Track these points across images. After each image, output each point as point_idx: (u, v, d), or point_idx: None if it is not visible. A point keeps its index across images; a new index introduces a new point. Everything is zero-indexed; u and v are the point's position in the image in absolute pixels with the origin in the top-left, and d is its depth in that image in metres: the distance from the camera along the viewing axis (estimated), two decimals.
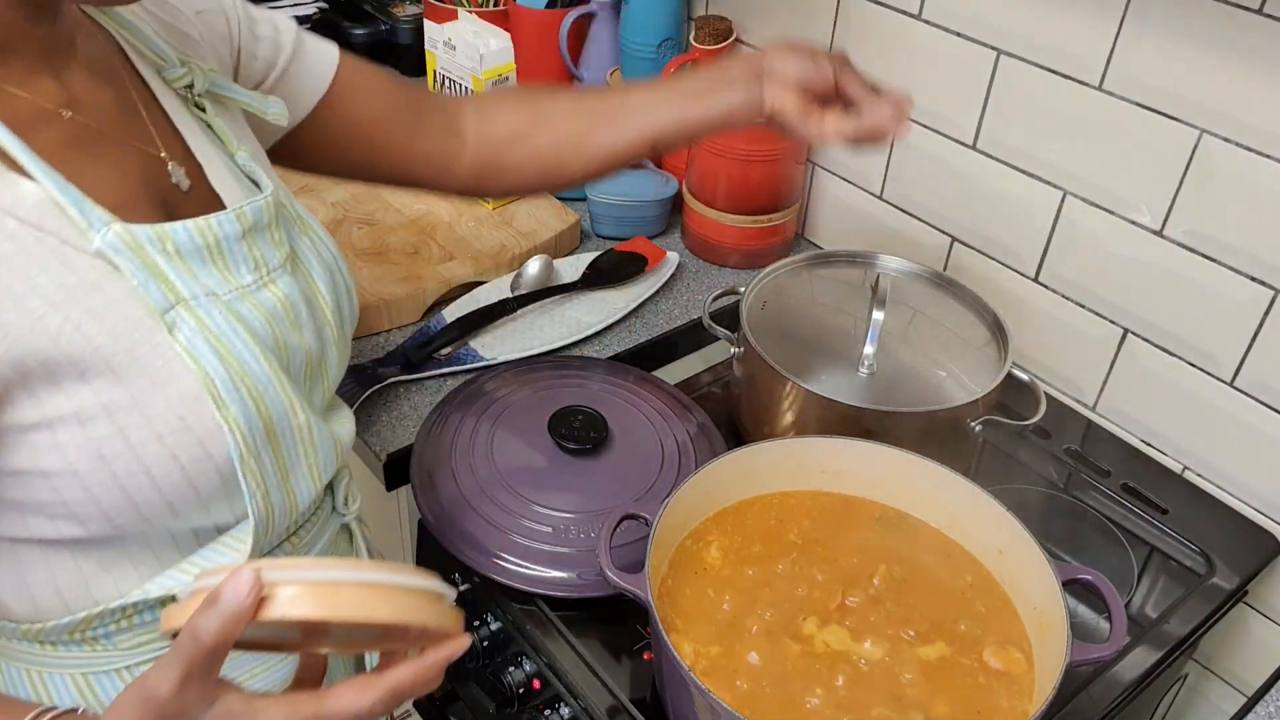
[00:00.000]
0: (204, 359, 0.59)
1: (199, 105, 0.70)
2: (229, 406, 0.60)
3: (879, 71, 1.20)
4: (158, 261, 0.59)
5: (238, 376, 0.60)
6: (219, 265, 0.62)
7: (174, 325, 0.59)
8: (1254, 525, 1.02)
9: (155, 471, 0.58)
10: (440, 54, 1.27)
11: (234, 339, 0.61)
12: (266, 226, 0.66)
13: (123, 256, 0.57)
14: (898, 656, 0.75)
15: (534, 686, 0.88)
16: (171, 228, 0.60)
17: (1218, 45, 0.91)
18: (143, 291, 0.58)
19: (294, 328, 0.67)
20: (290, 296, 0.67)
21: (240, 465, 0.61)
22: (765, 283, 1.07)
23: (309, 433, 0.67)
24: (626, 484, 0.91)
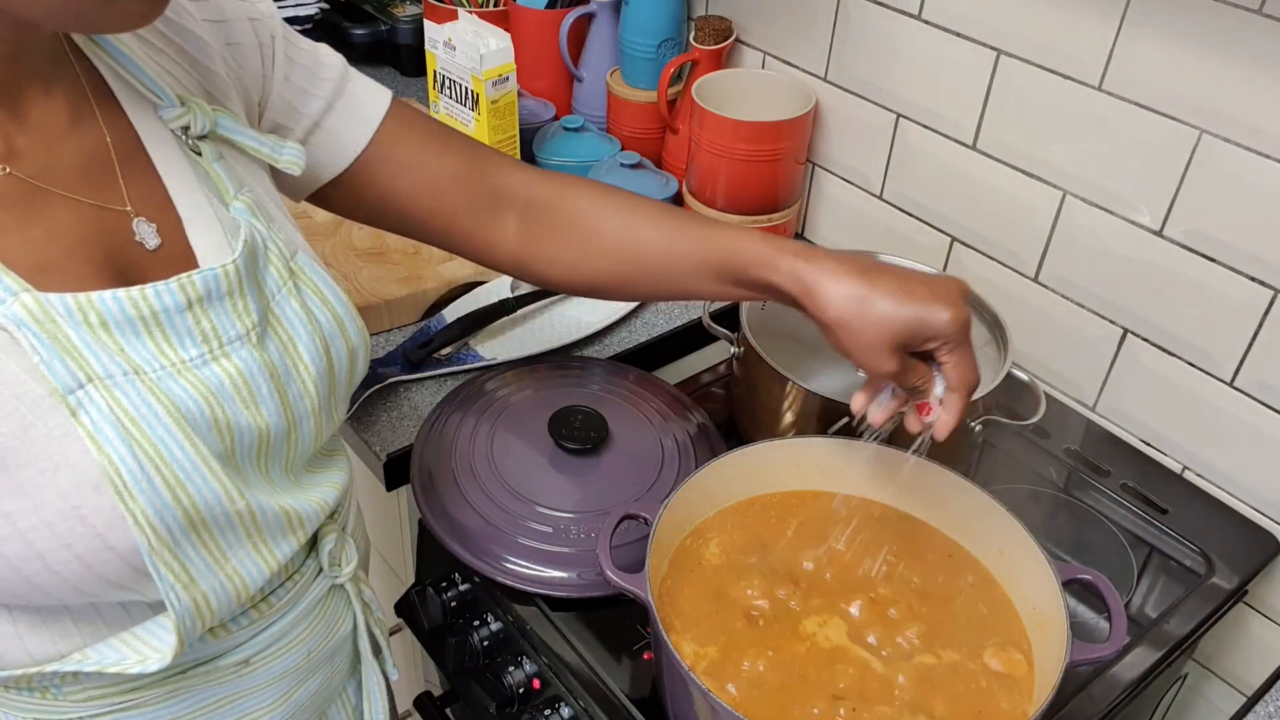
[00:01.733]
0: (109, 445, 0.54)
1: (195, 150, 0.64)
2: (136, 497, 0.54)
3: (879, 71, 1.20)
4: (70, 336, 0.54)
5: (151, 464, 0.55)
6: (155, 338, 0.57)
7: (79, 407, 0.53)
8: (1254, 525, 1.02)
9: (49, 559, 0.54)
10: (440, 54, 1.27)
11: (152, 422, 0.55)
12: (226, 295, 0.60)
13: (25, 330, 0.52)
14: (898, 656, 0.75)
15: (534, 686, 0.88)
16: (99, 297, 0.55)
17: (1218, 45, 0.91)
18: (44, 369, 0.53)
19: (247, 405, 0.61)
20: (246, 370, 0.61)
21: (151, 557, 0.56)
22: None
23: (250, 516, 0.61)
24: (626, 484, 0.91)
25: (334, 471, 0.73)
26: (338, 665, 0.79)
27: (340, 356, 0.68)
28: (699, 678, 0.68)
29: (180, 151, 0.63)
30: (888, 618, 0.78)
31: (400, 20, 1.64)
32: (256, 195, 0.66)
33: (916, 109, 1.18)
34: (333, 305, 0.68)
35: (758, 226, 1.27)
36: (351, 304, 0.70)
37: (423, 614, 0.95)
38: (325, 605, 0.74)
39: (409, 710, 1.13)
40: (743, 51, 1.37)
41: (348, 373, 0.70)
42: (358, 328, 0.70)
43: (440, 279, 1.18)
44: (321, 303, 0.67)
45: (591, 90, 1.45)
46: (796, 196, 1.31)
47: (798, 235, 1.39)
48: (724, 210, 1.27)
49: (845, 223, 1.34)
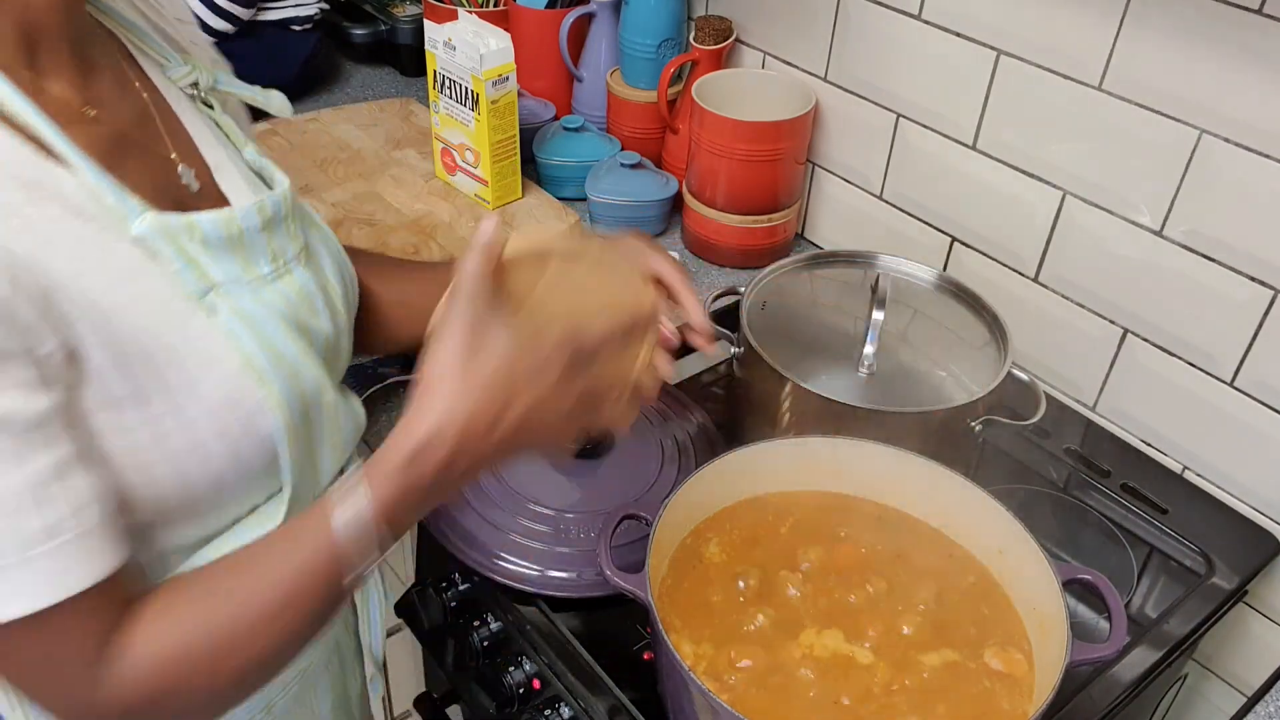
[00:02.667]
0: (243, 339, 0.62)
1: (205, 103, 0.71)
2: (270, 384, 0.63)
3: (879, 71, 1.20)
4: (190, 249, 0.61)
5: (274, 355, 0.63)
6: (240, 256, 0.64)
7: (213, 309, 0.61)
8: (1254, 525, 1.02)
9: (209, 449, 0.61)
10: (440, 54, 1.27)
11: (264, 321, 0.64)
12: (284, 219, 0.68)
13: (160, 242, 0.59)
14: (898, 656, 0.75)
15: (534, 686, 0.88)
16: (198, 218, 0.61)
17: (1218, 45, 0.91)
18: (181, 277, 0.60)
19: (313, 314, 0.69)
20: (305, 286, 0.69)
21: (284, 439, 0.64)
22: (765, 283, 1.07)
23: (335, 410, 0.70)
24: (626, 484, 0.91)
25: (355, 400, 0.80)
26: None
27: (348, 282, 0.77)
28: (699, 678, 0.68)
29: (194, 107, 0.70)
30: (888, 618, 0.78)
31: (400, 20, 1.64)
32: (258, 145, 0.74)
33: (916, 109, 1.18)
34: (331, 239, 0.77)
35: (758, 227, 1.27)
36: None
37: (423, 614, 0.95)
38: None
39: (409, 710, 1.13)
40: (743, 51, 1.37)
41: (352, 296, 0.77)
42: (348, 261, 0.78)
43: None
44: (325, 236, 0.76)
45: (591, 90, 1.45)
46: (796, 196, 1.31)
47: (798, 235, 1.39)
48: (724, 210, 1.27)
49: (845, 223, 1.34)
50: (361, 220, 1.26)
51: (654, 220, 1.33)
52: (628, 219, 1.32)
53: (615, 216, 1.31)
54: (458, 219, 1.28)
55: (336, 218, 1.25)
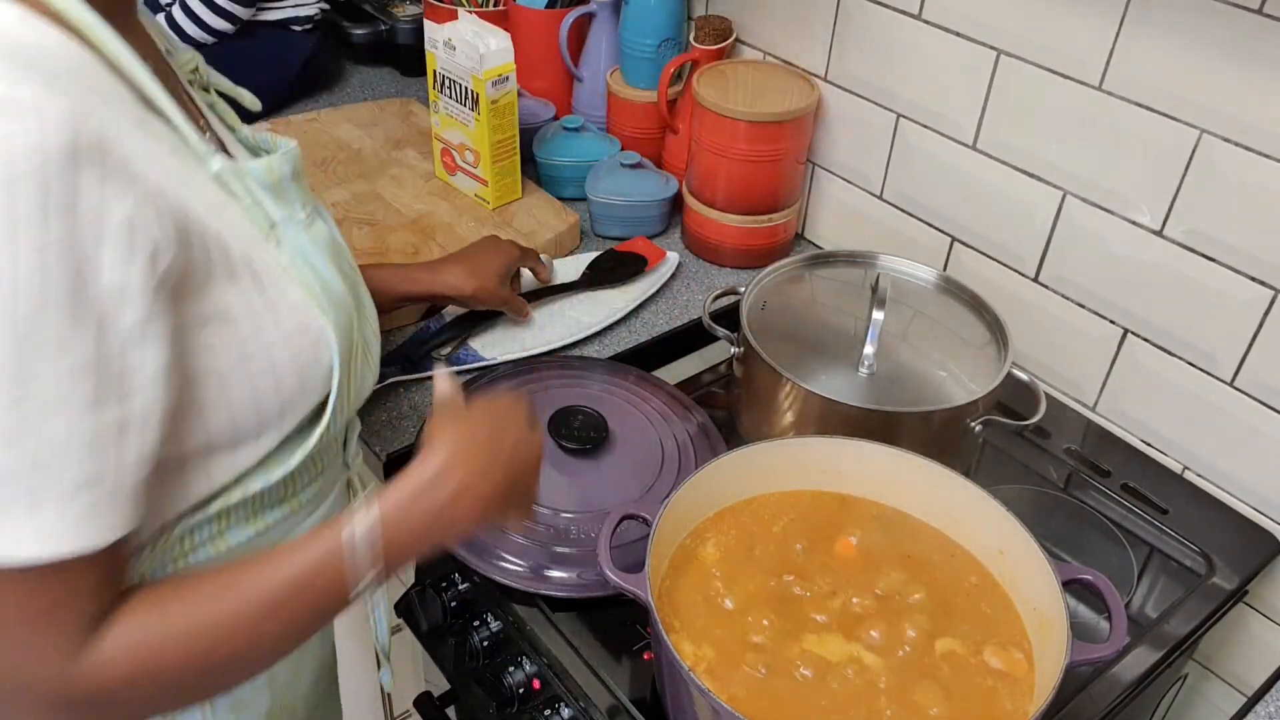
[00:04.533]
0: (304, 270, 0.66)
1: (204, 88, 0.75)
2: (329, 313, 0.67)
3: (879, 71, 1.20)
4: (251, 188, 0.65)
5: (326, 288, 0.67)
6: (282, 200, 0.67)
7: (279, 241, 0.65)
8: (1254, 525, 1.02)
9: (280, 370, 0.64)
10: (440, 54, 1.27)
11: (315, 256, 0.67)
12: (300, 172, 0.71)
13: (234, 180, 0.63)
14: (898, 656, 0.75)
15: (534, 686, 0.88)
16: (248, 165, 0.64)
17: (1218, 45, 0.91)
18: (252, 212, 0.64)
19: (340, 257, 0.73)
20: (330, 233, 0.73)
21: (339, 361, 0.68)
22: (765, 283, 1.07)
23: (364, 347, 0.75)
24: (626, 484, 0.91)
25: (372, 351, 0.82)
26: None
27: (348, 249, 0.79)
28: (699, 678, 0.68)
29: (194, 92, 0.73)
30: (888, 617, 0.78)
31: (400, 20, 1.64)
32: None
33: (916, 109, 1.18)
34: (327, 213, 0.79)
35: (758, 227, 1.27)
36: None
37: (423, 614, 0.95)
38: (341, 501, 0.80)
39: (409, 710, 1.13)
40: (743, 51, 1.37)
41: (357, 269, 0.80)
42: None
43: None
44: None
45: (591, 90, 1.45)
46: (796, 196, 1.31)
47: (798, 235, 1.39)
48: (724, 210, 1.27)
49: (845, 223, 1.34)
50: (361, 220, 1.26)
51: (654, 220, 1.33)
52: (628, 219, 1.31)
53: (615, 216, 1.31)
54: (457, 219, 1.28)
55: (336, 218, 1.25)
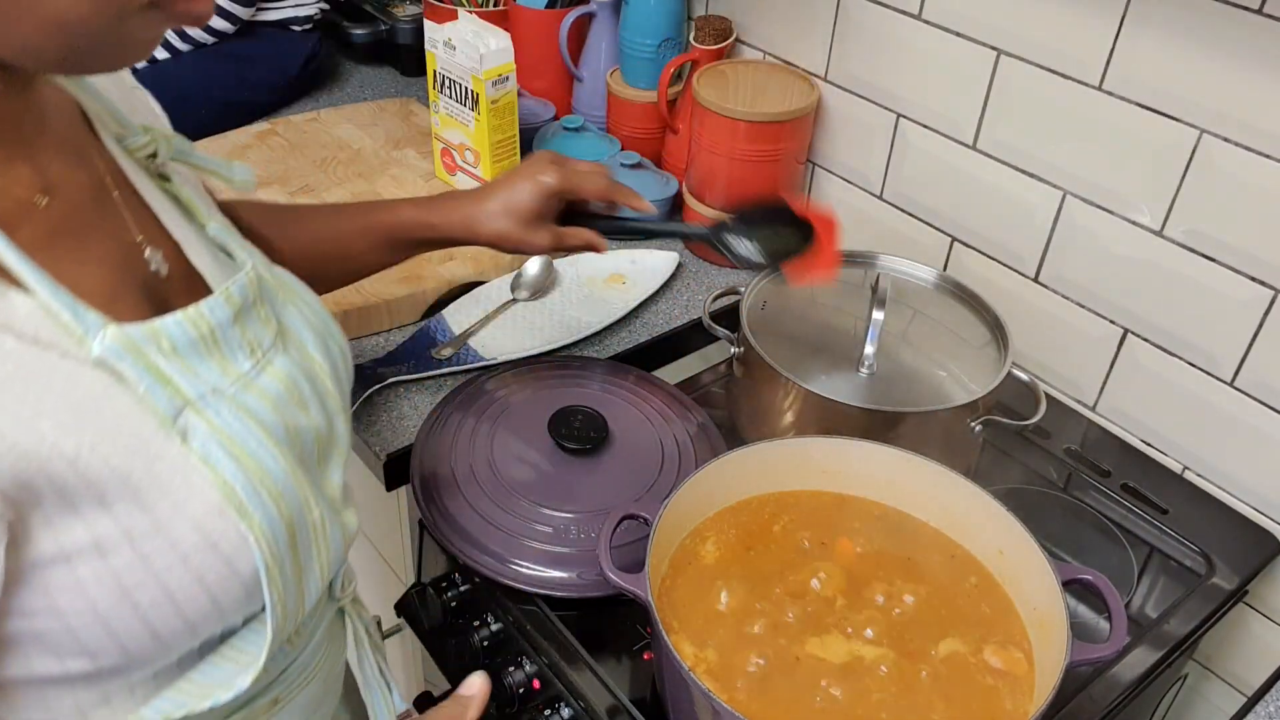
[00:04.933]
0: (221, 466, 0.54)
1: (162, 175, 0.64)
2: (252, 515, 0.55)
3: (879, 71, 1.20)
4: (158, 363, 0.53)
5: (257, 479, 0.56)
6: (217, 357, 0.57)
7: (187, 432, 0.54)
8: (1254, 525, 1.02)
9: (179, 596, 0.54)
10: (440, 54, 1.27)
11: (247, 438, 0.56)
12: (253, 304, 0.61)
13: (125, 362, 0.52)
14: (898, 656, 0.75)
15: (534, 686, 0.88)
16: (163, 324, 0.54)
17: (1218, 45, 0.91)
18: (150, 399, 0.52)
19: (301, 408, 0.62)
20: (290, 375, 0.62)
21: (265, 575, 0.56)
22: (765, 283, 1.07)
23: (322, 528, 0.62)
24: (626, 484, 0.91)
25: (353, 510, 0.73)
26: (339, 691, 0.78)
27: (335, 354, 0.69)
28: (699, 678, 0.68)
29: (151, 181, 0.63)
30: (889, 617, 0.78)
31: (400, 20, 1.64)
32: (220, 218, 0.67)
33: (916, 109, 1.18)
34: (316, 309, 0.69)
35: None
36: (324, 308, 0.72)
37: (423, 614, 0.95)
38: (332, 631, 0.74)
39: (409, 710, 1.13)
40: (743, 51, 1.37)
41: (345, 372, 0.71)
42: (337, 329, 0.72)
43: (440, 279, 1.18)
44: (307, 306, 0.68)
45: (591, 90, 1.45)
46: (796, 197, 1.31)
47: None
48: (724, 210, 1.26)
49: (845, 223, 1.32)
50: None
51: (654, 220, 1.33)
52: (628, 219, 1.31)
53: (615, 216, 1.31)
54: None
55: None
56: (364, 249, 0.92)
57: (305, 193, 1.28)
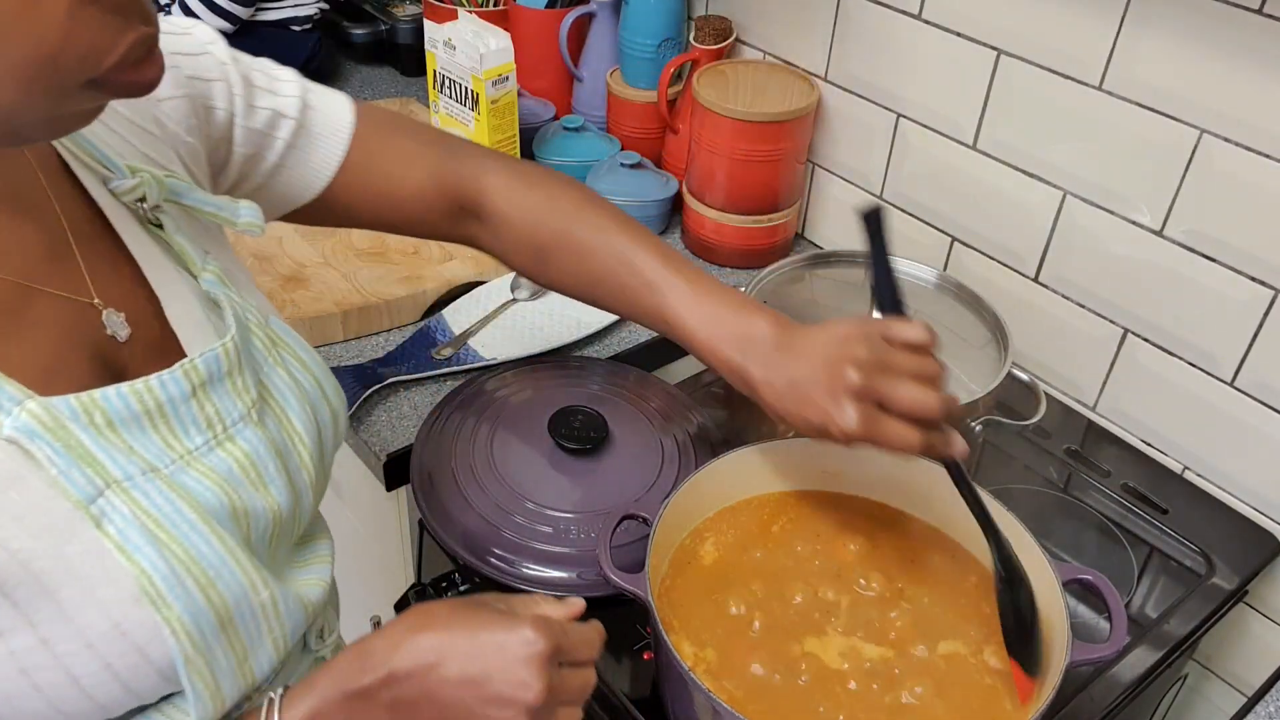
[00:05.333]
0: (139, 552, 0.51)
1: (155, 222, 0.60)
2: (171, 605, 0.51)
3: (879, 71, 1.20)
4: (83, 440, 0.51)
5: (183, 566, 0.52)
6: (161, 431, 0.54)
7: (102, 516, 0.50)
8: (1254, 525, 1.02)
9: (85, 682, 0.51)
10: (440, 54, 1.27)
11: (177, 520, 0.53)
12: (226, 375, 0.58)
13: (38, 442, 0.49)
14: (899, 656, 0.75)
15: None
16: (103, 394, 0.52)
17: (1218, 45, 0.91)
18: (64, 481, 0.49)
19: (257, 487, 0.59)
20: (253, 452, 0.59)
21: (185, 668, 0.53)
22: (765, 283, 1.07)
23: (273, 607, 0.58)
24: (626, 484, 0.91)
25: (322, 542, 0.70)
26: None
27: (326, 422, 0.66)
28: (699, 678, 0.68)
29: (140, 226, 0.60)
30: (889, 617, 0.78)
31: (400, 20, 1.64)
32: (223, 263, 0.64)
33: (916, 109, 1.18)
34: (311, 368, 0.66)
35: (758, 227, 1.27)
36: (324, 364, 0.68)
37: None
38: None
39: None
40: (743, 51, 1.37)
41: (333, 438, 0.68)
42: (334, 387, 0.68)
43: (440, 279, 1.18)
44: (302, 366, 0.65)
45: (591, 90, 1.45)
46: (796, 196, 1.31)
47: (798, 235, 1.39)
48: (724, 210, 1.27)
49: (845, 223, 1.34)
50: None
51: (654, 220, 1.33)
52: None
53: None
54: None
55: None
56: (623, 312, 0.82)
57: None
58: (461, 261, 1.21)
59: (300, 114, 0.74)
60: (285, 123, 0.73)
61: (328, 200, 0.76)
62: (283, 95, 0.73)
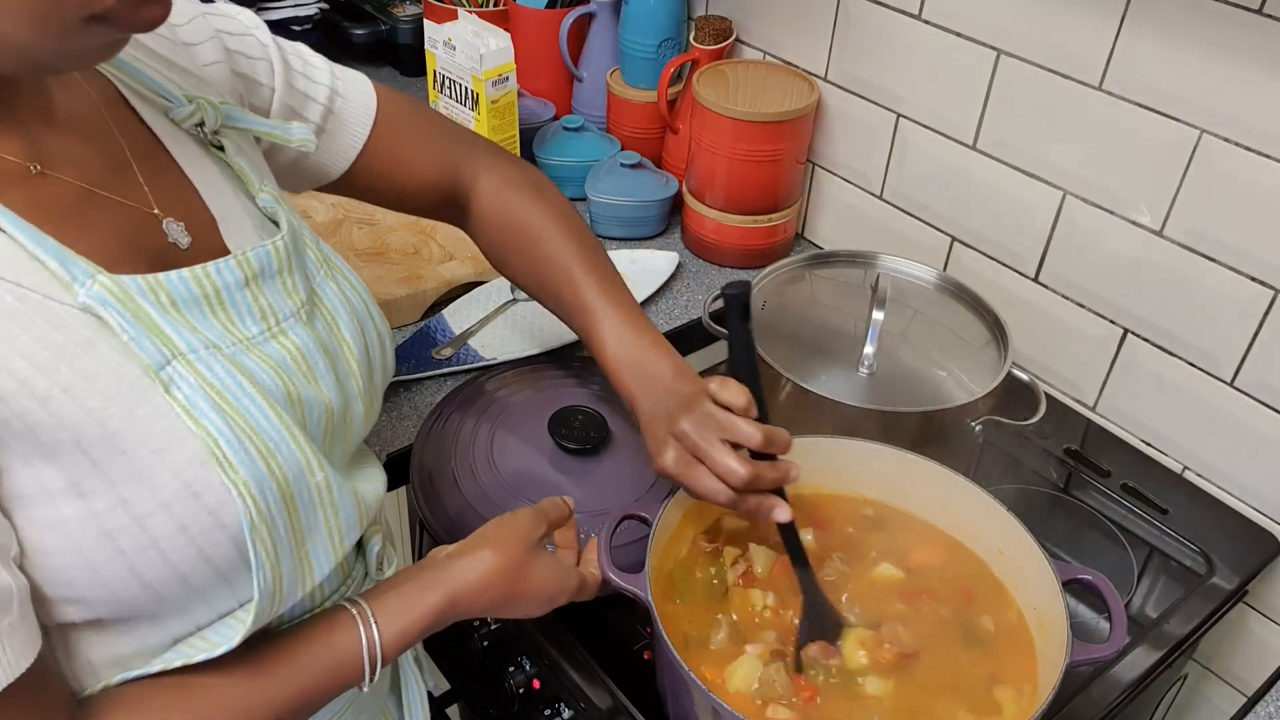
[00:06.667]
0: (205, 417, 0.54)
1: (216, 145, 0.66)
2: (236, 469, 0.55)
3: (879, 71, 1.20)
4: (151, 314, 0.55)
5: (245, 434, 0.56)
6: (220, 317, 0.59)
7: (171, 382, 0.54)
8: (1254, 525, 1.02)
9: (165, 544, 0.54)
10: (440, 54, 1.27)
11: (239, 394, 0.56)
12: (277, 273, 0.63)
13: (110, 310, 0.53)
14: (899, 655, 0.75)
15: (534, 686, 0.88)
16: (165, 277, 0.56)
17: (1218, 45, 0.91)
18: (134, 348, 0.53)
19: (309, 380, 0.63)
20: (304, 347, 0.63)
21: (250, 533, 0.55)
22: (765, 283, 1.07)
23: (328, 492, 0.61)
24: (626, 484, 0.91)
25: (374, 469, 0.75)
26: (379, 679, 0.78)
27: (373, 340, 0.71)
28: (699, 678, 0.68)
29: (202, 150, 0.65)
30: (889, 617, 0.78)
31: (400, 20, 1.64)
32: (274, 187, 0.69)
33: (916, 109, 1.18)
34: (360, 291, 0.71)
35: (758, 227, 1.27)
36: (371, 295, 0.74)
37: None
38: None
39: None
40: (743, 51, 1.37)
41: (380, 358, 0.72)
42: (381, 316, 0.73)
43: (440, 279, 1.18)
44: (351, 288, 0.71)
45: (591, 90, 1.45)
46: (796, 196, 1.31)
47: (798, 235, 1.39)
48: (724, 210, 1.27)
49: (845, 223, 1.34)
50: (361, 220, 1.26)
51: (654, 220, 1.33)
52: (628, 219, 1.32)
53: (615, 216, 1.31)
54: None
55: (336, 218, 1.26)
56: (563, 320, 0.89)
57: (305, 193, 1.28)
58: (461, 261, 1.21)
59: (329, 99, 0.81)
60: (315, 106, 0.80)
61: (347, 179, 0.84)
62: (316, 81, 0.80)
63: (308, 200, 1.27)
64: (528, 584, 0.72)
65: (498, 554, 0.71)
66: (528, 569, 0.72)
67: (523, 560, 0.72)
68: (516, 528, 0.73)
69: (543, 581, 0.73)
